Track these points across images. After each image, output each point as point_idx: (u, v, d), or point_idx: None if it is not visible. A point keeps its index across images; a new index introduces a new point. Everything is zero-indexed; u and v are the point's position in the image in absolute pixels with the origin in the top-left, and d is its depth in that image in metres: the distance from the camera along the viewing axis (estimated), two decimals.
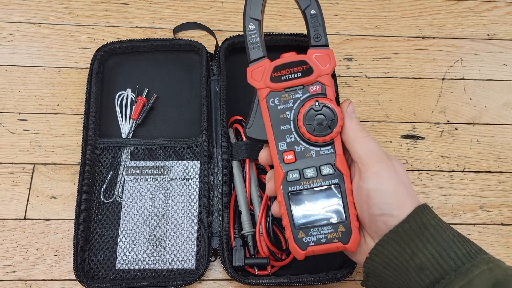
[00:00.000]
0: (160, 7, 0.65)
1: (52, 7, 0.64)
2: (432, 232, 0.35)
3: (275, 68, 0.39)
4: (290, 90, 0.39)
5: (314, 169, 0.39)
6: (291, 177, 0.39)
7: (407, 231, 0.35)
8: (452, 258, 0.34)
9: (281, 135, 0.39)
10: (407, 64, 0.63)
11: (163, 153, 0.54)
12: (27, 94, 0.58)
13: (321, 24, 0.40)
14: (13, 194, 0.53)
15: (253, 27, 0.40)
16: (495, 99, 0.61)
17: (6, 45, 0.60)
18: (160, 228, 0.51)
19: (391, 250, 0.36)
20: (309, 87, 0.39)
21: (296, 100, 0.39)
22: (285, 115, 0.39)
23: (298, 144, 0.39)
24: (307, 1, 0.40)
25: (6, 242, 0.51)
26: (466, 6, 0.68)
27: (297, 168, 0.39)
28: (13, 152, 0.55)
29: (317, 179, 0.39)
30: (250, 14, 0.40)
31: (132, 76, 0.58)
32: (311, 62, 0.39)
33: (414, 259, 0.35)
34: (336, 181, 0.38)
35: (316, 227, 0.38)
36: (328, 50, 0.39)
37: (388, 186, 0.36)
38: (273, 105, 0.39)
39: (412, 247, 0.35)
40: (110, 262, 0.49)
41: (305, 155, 0.39)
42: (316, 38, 0.40)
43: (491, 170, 0.57)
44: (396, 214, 0.36)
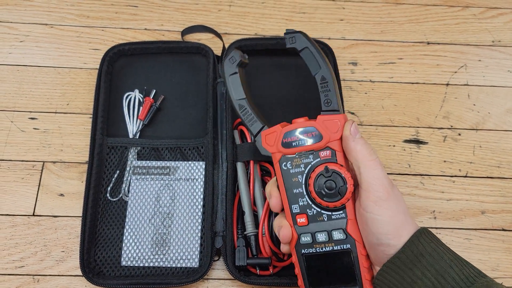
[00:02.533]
0: (169, 10, 0.66)
1: (64, 9, 0.65)
2: (429, 259, 0.35)
3: (286, 134, 0.40)
4: (302, 155, 0.40)
5: (326, 233, 0.39)
6: (304, 241, 0.40)
7: (404, 261, 0.36)
8: (451, 284, 0.34)
9: (294, 198, 0.40)
10: (412, 69, 0.64)
11: (169, 153, 0.55)
12: (37, 93, 0.59)
13: (331, 89, 0.40)
14: (23, 191, 0.54)
15: (244, 107, 0.43)
16: (498, 105, 0.62)
17: (19, 45, 0.62)
18: (165, 227, 0.52)
19: (391, 279, 0.36)
20: (320, 152, 0.39)
21: (308, 165, 0.39)
22: (297, 179, 0.40)
23: (310, 208, 0.39)
24: (317, 67, 0.40)
25: (15, 237, 0.52)
26: (471, 12, 0.68)
27: (310, 231, 0.39)
28: (23, 150, 0.56)
29: (329, 243, 0.39)
30: (235, 98, 0.43)
31: (140, 77, 0.59)
32: (321, 129, 0.39)
33: (414, 287, 0.35)
34: (348, 247, 0.38)
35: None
36: (339, 115, 0.39)
37: (386, 216, 0.36)
38: (286, 169, 0.40)
39: (411, 275, 0.35)
40: (115, 259, 0.50)
41: (317, 218, 0.39)
42: (326, 103, 0.40)
43: (493, 176, 0.58)
44: (393, 244, 0.36)
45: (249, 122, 0.43)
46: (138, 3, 0.66)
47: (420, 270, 0.35)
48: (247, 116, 0.43)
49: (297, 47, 0.41)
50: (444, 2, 0.69)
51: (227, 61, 0.44)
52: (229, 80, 0.43)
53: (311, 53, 0.41)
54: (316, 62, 0.40)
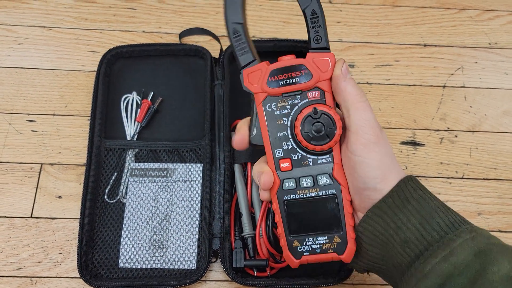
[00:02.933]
0: (167, 12, 0.66)
1: (62, 12, 0.65)
2: (415, 205, 0.34)
3: (273, 72, 0.37)
4: (288, 95, 0.37)
5: (311, 178, 0.37)
6: (287, 186, 0.38)
7: (390, 206, 0.35)
8: (435, 229, 0.33)
9: (277, 142, 0.38)
10: (409, 71, 0.64)
11: (166, 155, 0.55)
12: (36, 95, 0.60)
13: (321, 25, 0.37)
14: (21, 193, 0.54)
15: (237, 31, 0.38)
16: (495, 107, 0.62)
17: (17, 47, 0.62)
18: (162, 228, 0.52)
19: (376, 225, 0.35)
20: (308, 93, 0.37)
21: (294, 106, 0.37)
22: (282, 121, 0.38)
23: (295, 152, 0.38)
24: (308, 0, 0.37)
25: (13, 239, 0.52)
26: (468, 15, 0.69)
27: (293, 176, 0.38)
28: (21, 152, 0.56)
29: (314, 188, 0.37)
30: (231, 20, 0.38)
31: (138, 80, 0.59)
32: (310, 67, 0.37)
33: (399, 233, 0.34)
34: (333, 192, 0.37)
35: (311, 237, 0.38)
36: (329, 53, 0.37)
37: (374, 159, 0.35)
38: (270, 110, 0.38)
39: (396, 221, 0.34)
40: (113, 261, 0.50)
41: (302, 163, 0.38)
42: (316, 40, 0.37)
43: (490, 178, 0.58)
44: (380, 188, 0.35)
45: (240, 51, 0.38)
46: (136, 6, 0.66)
47: (405, 215, 0.34)
48: (239, 44, 0.38)
49: None
50: (441, 5, 0.69)
51: None
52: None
53: None
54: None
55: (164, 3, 0.67)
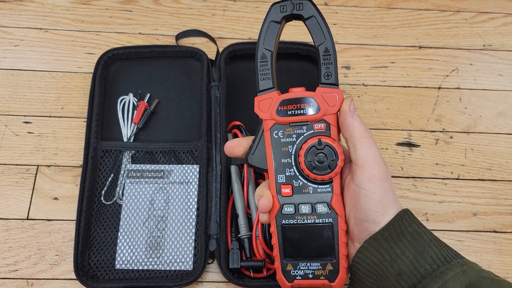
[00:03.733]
0: (163, 14, 0.66)
1: (58, 13, 0.65)
2: (409, 239, 0.36)
3: (282, 102, 0.39)
4: (295, 125, 0.39)
5: (310, 205, 0.39)
6: (286, 211, 0.39)
7: (386, 238, 0.36)
8: (428, 262, 0.35)
9: (281, 168, 0.39)
10: (404, 73, 0.64)
11: (163, 156, 0.55)
12: (32, 97, 0.60)
13: (333, 62, 0.38)
14: (17, 195, 0.54)
15: (266, 57, 0.40)
16: (490, 109, 0.62)
17: (13, 49, 0.62)
18: (159, 230, 0.52)
19: (372, 257, 0.37)
20: (314, 125, 0.39)
21: (300, 136, 0.39)
22: (287, 148, 0.39)
23: (296, 179, 0.39)
24: (322, 38, 0.39)
25: (9, 241, 0.52)
26: (463, 17, 0.69)
27: (293, 202, 0.39)
28: (18, 154, 0.56)
29: (312, 216, 0.39)
30: (264, 45, 0.40)
31: (134, 81, 0.59)
32: (319, 100, 0.38)
33: (393, 265, 0.35)
34: (330, 220, 0.38)
35: (305, 262, 0.39)
36: (338, 89, 0.39)
37: (378, 194, 0.37)
38: (277, 137, 0.39)
39: (391, 253, 0.36)
40: (109, 262, 0.50)
41: (302, 190, 0.39)
42: (326, 76, 0.39)
43: (485, 178, 0.58)
44: (378, 221, 0.37)
45: (262, 76, 0.40)
46: (133, 8, 0.67)
47: (400, 249, 0.36)
48: (264, 69, 0.40)
49: (303, 15, 0.39)
50: (436, 7, 0.70)
51: (276, 6, 0.39)
52: (268, 25, 0.39)
53: (318, 23, 0.39)
54: (321, 32, 0.38)
55: (161, 5, 0.67)
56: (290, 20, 0.40)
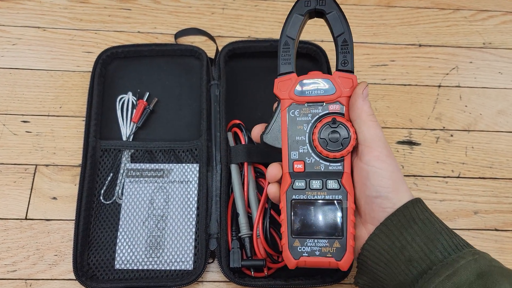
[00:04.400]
0: (162, 13, 0.66)
1: (56, 12, 0.65)
2: (421, 226, 0.36)
3: (301, 82, 0.41)
4: (311, 105, 0.41)
5: (320, 181, 0.40)
6: (297, 185, 0.40)
7: (396, 224, 0.37)
8: (439, 249, 0.35)
9: (295, 145, 0.41)
10: (404, 71, 0.64)
11: (162, 155, 0.55)
12: (30, 96, 0.59)
13: (350, 52, 0.41)
14: (15, 195, 0.54)
15: (288, 44, 0.42)
16: (490, 107, 0.62)
17: (11, 48, 0.62)
18: (159, 229, 0.51)
19: (382, 244, 0.37)
20: (329, 105, 0.41)
21: (315, 115, 0.41)
22: (302, 126, 0.41)
23: (309, 156, 0.40)
24: (341, 29, 0.41)
25: (7, 241, 0.51)
26: (462, 15, 0.69)
27: (304, 178, 0.40)
28: (16, 153, 0.56)
29: (322, 191, 0.40)
30: (287, 33, 0.42)
31: (133, 80, 0.59)
32: (335, 83, 0.41)
33: (403, 252, 0.36)
34: (340, 197, 0.39)
35: (312, 239, 0.39)
36: (353, 75, 0.41)
37: (387, 170, 0.38)
38: (293, 116, 0.41)
39: (401, 240, 0.36)
40: (109, 262, 0.50)
41: (314, 167, 0.40)
42: (343, 63, 0.41)
43: (486, 177, 0.58)
44: (391, 197, 0.37)
45: (284, 60, 0.42)
46: (131, 6, 0.66)
47: (410, 235, 0.36)
48: (285, 54, 0.42)
49: (325, 10, 0.41)
50: (435, 5, 0.70)
51: (301, 1, 0.42)
52: (293, 17, 0.42)
53: (338, 16, 0.41)
54: (341, 24, 0.41)
55: (159, 3, 0.67)
56: (313, 17, 0.43)
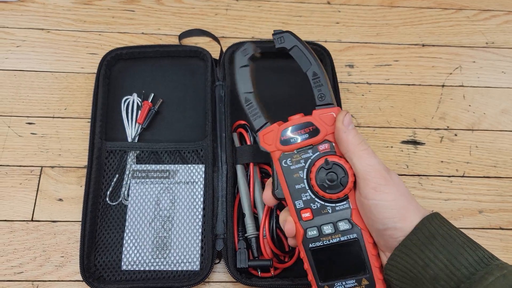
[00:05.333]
0: (166, 14, 0.66)
1: (60, 14, 0.65)
2: (441, 241, 0.35)
3: (284, 131, 0.41)
4: (301, 150, 0.40)
5: (332, 225, 0.39)
6: (310, 234, 0.40)
7: (416, 243, 0.35)
8: (464, 265, 0.34)
9: (297, 194, 0.40)
10: (408, 71, 0.64)
11: (168, 156, 0.55)
12: (35, 98, 0.59)
13: (323, 83, 0.40)
14: (21, 196, 0.54)
15: (250, 100, 0.42)
16: (493, 106, 0.63)
17: (15, 50, 0.62)
18: (165, 230, 0.51)
19: (404, 263, 0.36)
20: (318, 146, 0.40)
21: (307, 160, 0.40)
22: (298, 174, 0.40)
23: (314, 202, 0.40)
24: (308, 64, 0.41)
25: (14, 243, 0.51)
26: (465, 15, 0.69)
27: (315, 225, 0.40)
28: (21, 155, 0.56)
29: (336, 234, 0.39)
30: (242, 91, 0.43)
31: (138, 81, 0.59)
32: (317, 123, 0.40)
33: (427, 270, 0.35)
34: (355, 236, 0.39)
35: (340, 281, 0.39)
36: (334, 108, 0.40)
37: (387, 201, 0.36)
38: (286, 166, 0.40)
39: (423, 258, 0.35)
40: (115, 263, 0.50)
41: (321, 211, 0.40)
42: (320, 98, 0.40)
43: (490, 176, 0.58)
44: (400, 227, 0.36)
45: (253, 116, 0.42)
46: (135, 8, 0.66)
47: (432, 252, 0.35)
48: (252, 110, 0.42)
49: (286, 47, 0.42)
50: (438, 5, 0.70)
51: (239, 52, 0.43)
52: (239, 72, 0.43)
53: (300, 50, 0.41)
54: (306, 59, 0.41)
55: (163, 4, 0.67)
56: (255, 59, 0.44)
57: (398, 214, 0.36)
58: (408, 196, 0.38)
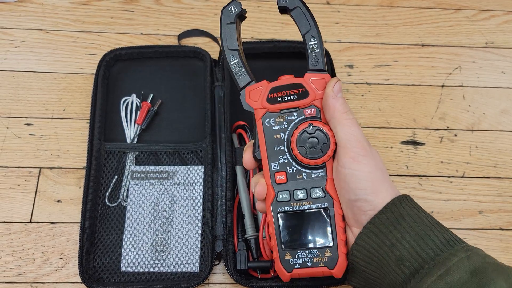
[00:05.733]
0: (165, 14, 0.66)
1: (58, 14, 0.65)
2: (410, 222, 0.35)
3: (272, 89, 0.40)
4: (286, 112, 0.39)
5: (304, 191, 0.39)
6: (281, 198, 0.39)
7: (385, 222, 0.35)
8: (430, 246, 0.33)
9: (274, 155, 0.39)
10: (407, 71, 0.64)
11: (167, 157, 0.55)
12: (33, 99, 0.59)
13: (319, 49, 0.39)
14: (20, 198, 0.53)
15: (235, 57, 0.41)
16: (493, 106, 0.62)
17: (13, 51, 0.61)
18: (165, 231, 0.51)
19: (371, 243, 0.35)
20: (304, 110, 0.39)
21: (291, 122, 0.39)
22: (279, 136, 0.39)
23: (290, 166, 0.39)
24: (307, 27, 0.40)
25: (12, 245, 0.51)
26: (464, 15, 0.69)
27: (288, 189, 0.39)
28: (20, 156, 0.55)
29: (307, 201, 0.39)
30: (228, 47, 0.41)
31: (137, 82, 0.59)
32: (307, 86, 0.39)
33: (393, 250, 0.34)
34: (326, 205, 0.38)
35: (303, 250, 0.38)
36: (326, 74, 0.39)
37: (363, 172, 0.36)
38: (268, 125, 0.40)
39: (391, 238, 0.35)
40: (115, 265, 0.50)
41: (296, 176, 0.39)
42: (314, 62, 0.40)
43: (490, 176, 0.58)
44: (370, 199, 0.36)
45: (237, 73, 0.41)
46: (134, 8, 0.66)
47: (399, 233, 0.34)
48: (236, 68, 0.41)
49: (288, 6, 0.40)
50: (437, 5, 0.70)
51: (226, 9, 0.41)
52: (225, 28, 0.41)
53: (302, 12, 0.40)
54: (306, 21, 0.40)
55: (162, 5, 0.67)
56: (242, 19, 0.42)
57: (371, 186, 0.36)
58: (384, 172, 0.38)
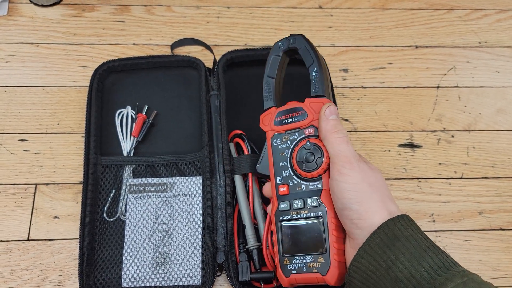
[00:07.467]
0: (157, 24, 0.65)
1: (49, 27, 0.64)
2: (404, 243, 0.35)
3: (278, 113, 0.46)
4: (290, 132, 0.45)
5: (302, 200, 0.42)
6: (282, 207, 0.43)
7: (379, 243, 0.36)
8: (425, 268, 0.34)
9: (279, 170, 0.44)
10: (402, 73, 0.64)
11: (165, 169, 0.54)
12: (26, 114, 0.58)
13: (320, 78, 0.45)
14: (16, 215, 0.53)
15: (269, 84, 0.48)
16: (489, 106, 0.63)
17: (4, 66, 0.61)
18: (165, 245, 0.51)
19: (367, 264, 0.36)
20: (305, 130, 0.44)
21: (294, 141, 0.44)
22: (284, 153, 0.45)
23: (292, 179, 0.44)
24: (311, 61, 0.45)
25: (10, 263, 0.50)
26: (457, 15, 0.69)
27: (288, 199, 0.43)
28: (15, 173, 0.55)
29: (303, 210, 0.42)
30: (267, 73, 0.48)
31: (131, 94, 0.58)
32: (307, 109, 0.44)
33: (389, 272, 0.35)
34: (319, 213, 0.41)
35: (299, 256, 0.42)
36: (324, 99, 0.44)
37: (349, 182, 0.39)
38: (276, 145, 0.45)
39: (386, 259, 0.35)
40: (115, 280, 0.49)
41: (296, 188, 0.43)
42: (315, 90, 0.45)
43: (488, 176, 0.58)
44: (355, 209, 0.38)
45: (266, 97, 0.48)
46: (125, 19, 0.65)
47: (394, 254, 0.35)
48: (267, 92, 0.48)
49: (297, 46, 0.47)
50: (429, 6, 0.70)
51: (276, 44, 0.48)
52: (270, 59, 0.48)
53: (307, 49, 0.46)
54: (310, 57, 0.45)
55: (154, 14, 0.66)
56: (291, 56, 0.49)
57: (355, 196, 0.38)
58: (375, 188, 0.39)
